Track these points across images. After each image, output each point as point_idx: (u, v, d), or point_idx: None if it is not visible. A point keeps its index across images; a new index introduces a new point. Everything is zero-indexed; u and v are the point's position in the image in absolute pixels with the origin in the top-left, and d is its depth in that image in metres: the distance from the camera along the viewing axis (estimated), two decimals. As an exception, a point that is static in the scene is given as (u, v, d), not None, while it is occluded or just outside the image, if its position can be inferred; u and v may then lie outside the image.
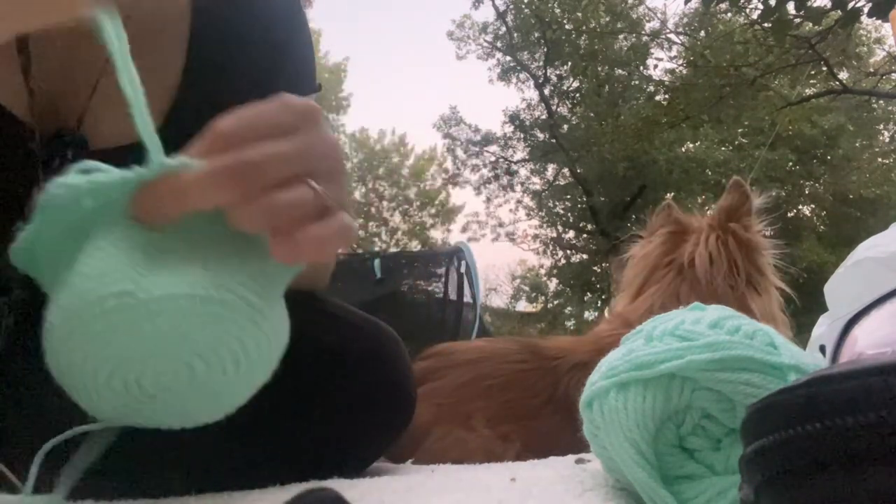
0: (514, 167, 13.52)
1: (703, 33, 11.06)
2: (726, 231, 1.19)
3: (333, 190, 0.36)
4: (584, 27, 11.91)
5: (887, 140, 12.19)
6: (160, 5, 0.61)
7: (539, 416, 0.97)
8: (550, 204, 13.46)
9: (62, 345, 0.32)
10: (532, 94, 13.02)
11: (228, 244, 0.35)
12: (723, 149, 11.16)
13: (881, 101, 10.61)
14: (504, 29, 12.61)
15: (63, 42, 0.57)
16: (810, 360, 0.42)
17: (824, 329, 0.51)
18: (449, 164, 14.86)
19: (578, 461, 0.62)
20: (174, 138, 0.36)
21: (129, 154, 0.59)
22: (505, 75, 13.02)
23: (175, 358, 0.32)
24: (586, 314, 14.21)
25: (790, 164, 11.35)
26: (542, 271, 15.00)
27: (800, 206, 12.15)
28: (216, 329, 0.33)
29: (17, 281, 0.54)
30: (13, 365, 0.54)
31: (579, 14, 11.93)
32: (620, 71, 12.26)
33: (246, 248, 0.35)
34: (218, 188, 0.33)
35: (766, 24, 5.78)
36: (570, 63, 12.47)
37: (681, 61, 11.45)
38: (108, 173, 0.35)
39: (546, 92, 12.76)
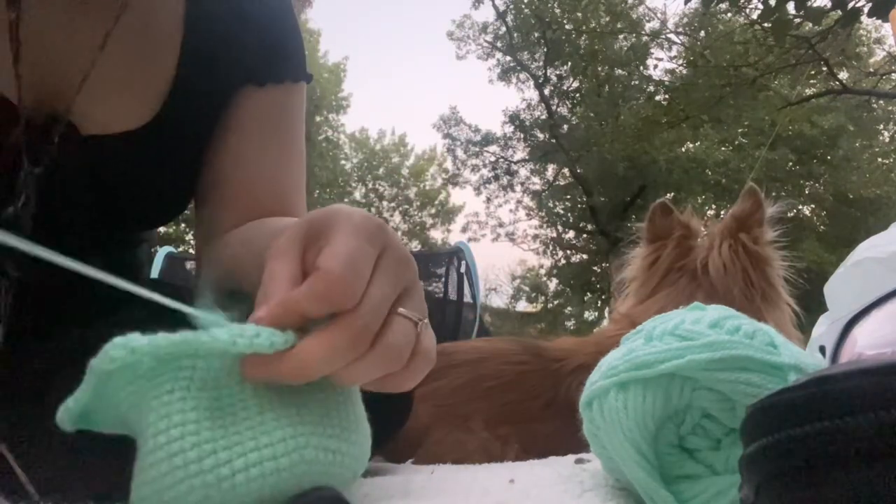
0: (514, 167, 13.53)
1: (703, 33, 11.07)
2: (737, 240, 1.17)
3: (415, 300, 0.37)
4: (584, 27, 11.92)
5: (887, 140, 12.20)
6: None
7: (539, 419, 0.95)
8: (550, 204, 13.47)
9: None
10: (532, 94, 13.05)
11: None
12: (723, 149, 11.17)
13: (881, 101, 10.62)
14: (504, 29, 12.61)
15: (56, 27, 0.57)
16: (810, 360, 0.42)
17: (824, 329, 0.51)
18: (449, 164, 14.88)
19: (578, 461, 0.62)
20: (173, 119, 0.36)
21: (122, 142, 0.59)
22: (505, 75, 13.03)
23: None
24: (586, 314, 14.22)
25: (790, 164, 11.36)
26: (542, 271, 15.02)
27: (800, 206, 12.15)
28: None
29: (11, 262, 0.54)
30: (14, 345, 0.54)
31: (579, 14, 11.94)
32: (620, 71, 12.27)
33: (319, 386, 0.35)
34: (341, 357, 0.33)
35: (766, 24, 5.78)
36: (570, 63, 12.48)
37: (681, 61, 11.46)
38: (169, 337, 0.33)
39: (546, 92, 12.76)
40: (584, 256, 13.71)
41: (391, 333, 0.34)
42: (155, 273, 1.91)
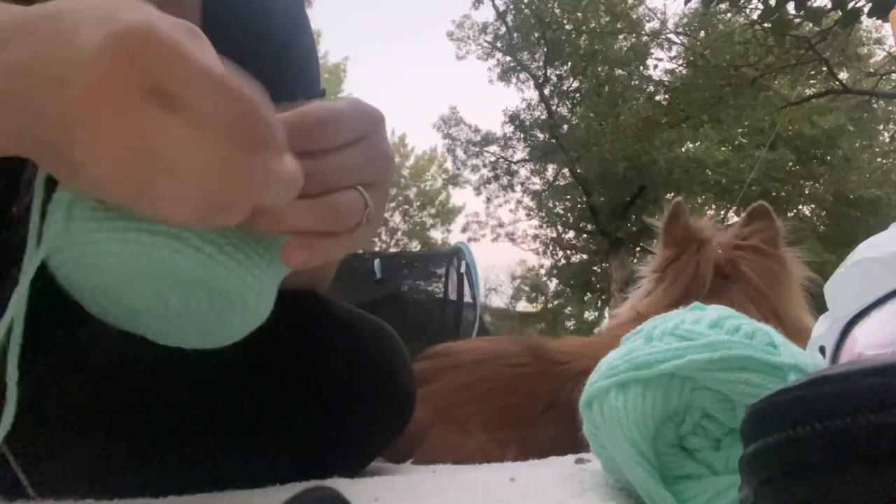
0: (514, 167, 13.51)
1: (703, 33, 11.05)
2: (763, 256, 1.15)
3: (377, 196, 0.37)
4: (584, 27, 11.90)
5: (887, 140, 12.19)
6: None
7: (538, 423, 0.93)
8: (550, 204, 13.45)
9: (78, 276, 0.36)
10: (532, 94, 13.03)
11: None
12: (723, 149, 11.15)
13: (881, 101, 10.60)
14: (504, 29, 12.60)
15: None
16: (810, 360, 0.42)
17: (824, 329, 0.51)
18: (449, 165, 14.85)
19: (578, 461, 0.62)
20: None
21: None
22: (505, 75, 13.02)
23: (153, 289, 0.36)
24: (586, 314, 14.22)
25: (790, 164, 11.34)
26: (542, 271, 15.00)
27: (800, 206, 12.14)
28: (198, 271, 0.35)
29: (16, 265, 0.54)
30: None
31: (579, 14, 11.92)
32: (620, 71, 12.24)
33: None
34: (286, 187, 0.32)
35: (766, 24, 5.78)
36: (570, 63, 12.46)
37: (681, 61, 11.44)
38: None
39: (546, 92, 12.75)
40: (584, 256, 13.70)
41: (342, 195, 0.35)
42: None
